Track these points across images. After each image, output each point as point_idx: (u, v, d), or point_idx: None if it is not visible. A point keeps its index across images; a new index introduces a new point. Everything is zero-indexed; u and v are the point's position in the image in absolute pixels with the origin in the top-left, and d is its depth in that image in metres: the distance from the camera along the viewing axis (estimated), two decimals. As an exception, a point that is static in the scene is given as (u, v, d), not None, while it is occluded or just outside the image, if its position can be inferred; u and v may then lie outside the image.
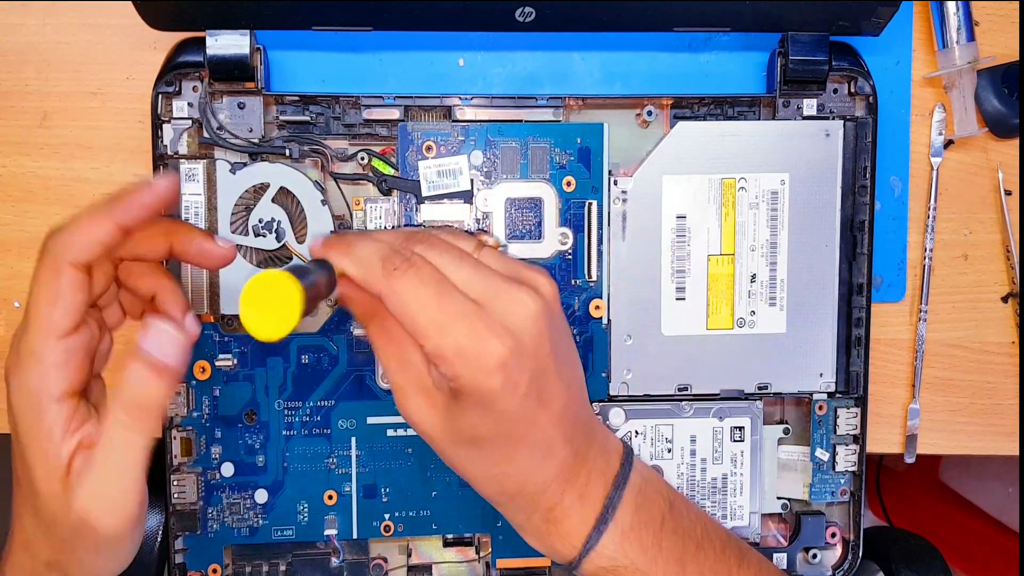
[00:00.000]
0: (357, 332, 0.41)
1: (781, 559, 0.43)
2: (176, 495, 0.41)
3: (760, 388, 0.42)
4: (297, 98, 0.40)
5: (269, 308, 0.27)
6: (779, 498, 0.43)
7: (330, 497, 0.42)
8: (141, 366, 0.30)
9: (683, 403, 0.42)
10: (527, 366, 0.31)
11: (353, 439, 0.42)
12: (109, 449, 0.30)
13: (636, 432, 0.42)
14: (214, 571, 0.41)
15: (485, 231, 0.40)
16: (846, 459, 0.43)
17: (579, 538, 0.33)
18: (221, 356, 0.41)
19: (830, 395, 0.43)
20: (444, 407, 0.32)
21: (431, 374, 0.32)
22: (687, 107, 0.41)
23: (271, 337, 0.27)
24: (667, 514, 0.34)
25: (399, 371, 0.33)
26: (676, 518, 0.35)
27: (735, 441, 0.42)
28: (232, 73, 0.39)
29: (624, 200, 0.41)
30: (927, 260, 0.45)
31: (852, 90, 0.42)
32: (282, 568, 0.42)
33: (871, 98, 0.41)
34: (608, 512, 0.33)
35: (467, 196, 0.41)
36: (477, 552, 0.43)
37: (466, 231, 0.40)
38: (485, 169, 0.41)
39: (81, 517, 0.30)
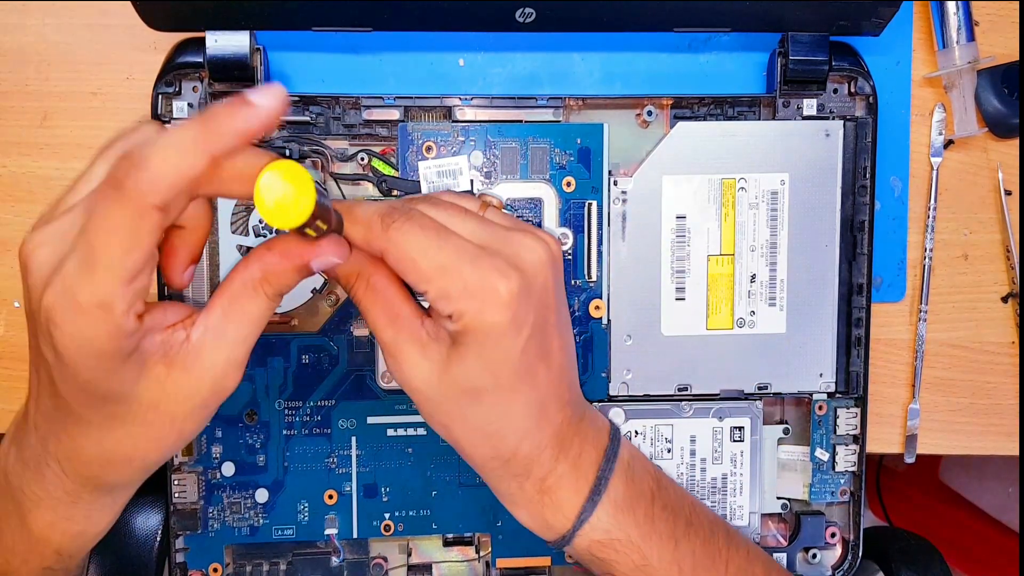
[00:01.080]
0: (357, 332, 0.41)
1: (781, 559, 0.43)
2: (177, 495, 0.41)
3: (760, 388, 0.42)
4: (297, 98, 0.40)
5: (284, 194, 0.25)
6: (779, 498, 0.43)
7: (330, 497, 0.42)
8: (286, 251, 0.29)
9: (683, 403, 0.42)
10: (532, 308, 0.30)
11: (353, 439, 0.42)
12: (230, 303, 0.29)
13: (636, 432, 0.42)
14: (215, 570, 0.41)
15: (487, 193, 0.40)
16: (846, 459, 0.43)
17: (573, 509, 0.33)
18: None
19: (830, 395, 0.43)
20: (441, 358, 0.31)
21: (425, 326, 0.31)
22: (687, 107, 0.41)
23: (286, 220, 0.25)
24: (656, 491, 0.34)
25: (389, 327, 0.31)
26: (665, 495, 0.35)
27: (735, 441, 0.42)
28: (232, 73, 0.39)
29: (624, 200, 0.41)
30: (927, 260, 0.45)
31: (852, 90, 0.42)
32: (282, 567, 0.42)
33: (871, 98, 0.41)
34: (601, 483, 0.33)
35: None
36: (477, 552, 0.43)
37: (468, 192, 0.40)
38: (485, 169, 0.41)
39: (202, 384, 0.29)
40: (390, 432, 0.42)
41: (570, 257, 0.41)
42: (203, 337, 0.29)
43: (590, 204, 0.41)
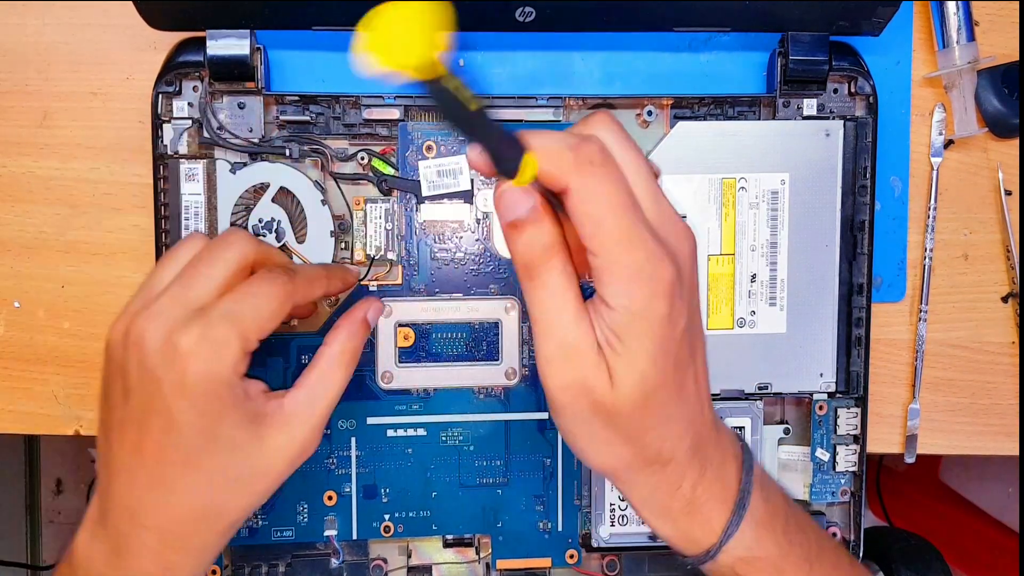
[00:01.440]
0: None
1: (781, 559, 0.43)
2: (176, 495, 0.41)
3: (760, 388, 0.42)
4: (297, 98, 0.40)
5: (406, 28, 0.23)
6: (779, 498, 0.43)
7: (330, 498, 0.42)
8: (355, 322, 0.36)
9: (683, 403, 0.42)
10: (686, 299, 0.30)
11: (353, 439, 0.42)
12: (324, 378, 0.35)
13: (636, 432, 0.42)
14: (213, 572, 0.41)
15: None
16: (846, 459, 0.43)
17: (720, 523, 0.32)
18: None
19: (830, 395, 0.43)
20: (606, 375, 0.29)
21: (597, 342, 0.29)
22: (687, 107, 0.41)
23: (400, 60, 0.23)
24: (788, 510, 0.33)
25: (572, 328, 0.29)
26: (796, 515, 0.34)
27: (735, 441, 0.42)
28: (232, 73, 0.39)
29: (624, 200, 0.41)
30: (927, 260, 0.45)
31: (852, 90, 0.42)
32: (281, 569, 0.42)
33: (871, 98, 0.41)
34: (744, 497, 0.32)
35: (467, 196, 0.41)
36: (477, 553, 0.43)
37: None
38: (485, 169, 0.41)
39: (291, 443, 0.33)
40: (390, 433, 0.42)
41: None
42: (295, 406, 0.34)
43: (590, 204, 0.41)
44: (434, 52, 0.23)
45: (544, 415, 0.42)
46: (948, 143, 0.44)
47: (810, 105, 0.42)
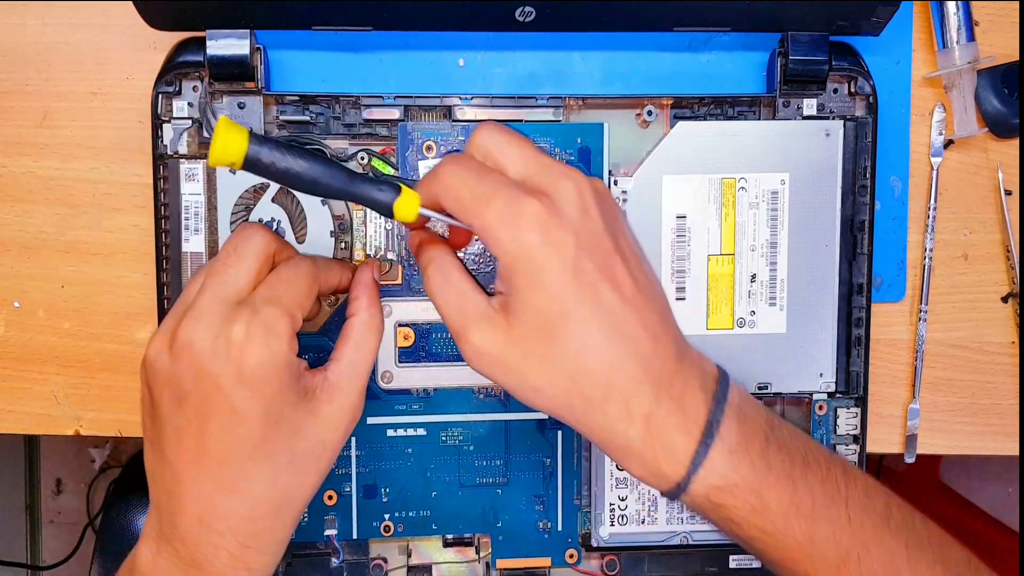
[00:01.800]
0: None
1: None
2: (176, 495, 0.41)
3: (760, 388, 0.42)
4: (297, 98, 0.40)
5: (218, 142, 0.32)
6: (779, 498, 0.43)
7: (330, 497, 0.42)
8: (370, 288, 0.38)
9: (683, 403, 0.42)
10: (570, 230, 0.31)
11: (353, 439, 0.42)
12: (360, 347, 0.36)
13: (636, 432, 0.42)
14: (214, 571, 0.41)
15: None
16: (846, 459, 0.43)
17: (687, 454, 0.32)
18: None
19: (830, 395, 0.43)
20: (505, 321, 0.32)
21: (490, 303, 0.33)
22: (687, 107, 0.41)
23: (214, 159, 0.32)
24: (769, 432, 0.33)
25: (456, 305, 0.33)
26: (779, 435, 0.33)
27: (735, 441, 0.42)
28: (232, 73, 0.39)
29: (624, 200, 0.41)
30: (927, 260, 0.45)
31: (852, 90, 0.42)
32: (281, 568, 0.42)
33: (871, 98, 0.41)
34: (713, 425, 0.32)
35: (467, 196, 0.41)
36: (477, 552, 0.43)
37: None
38: (485, 169, 0.41)
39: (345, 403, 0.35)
40: (390, 433, 0.42)
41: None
42: (339, 376, 0.35)
43: (590, 204, 0.41)
44: (231, 155, 0.32)
45: (544, 415, 0.42)
46: (948, 143, 0.44)
47: (810, 105, 0.42)
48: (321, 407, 0.35)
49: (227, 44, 0.39)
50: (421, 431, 0.42)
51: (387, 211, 0.34)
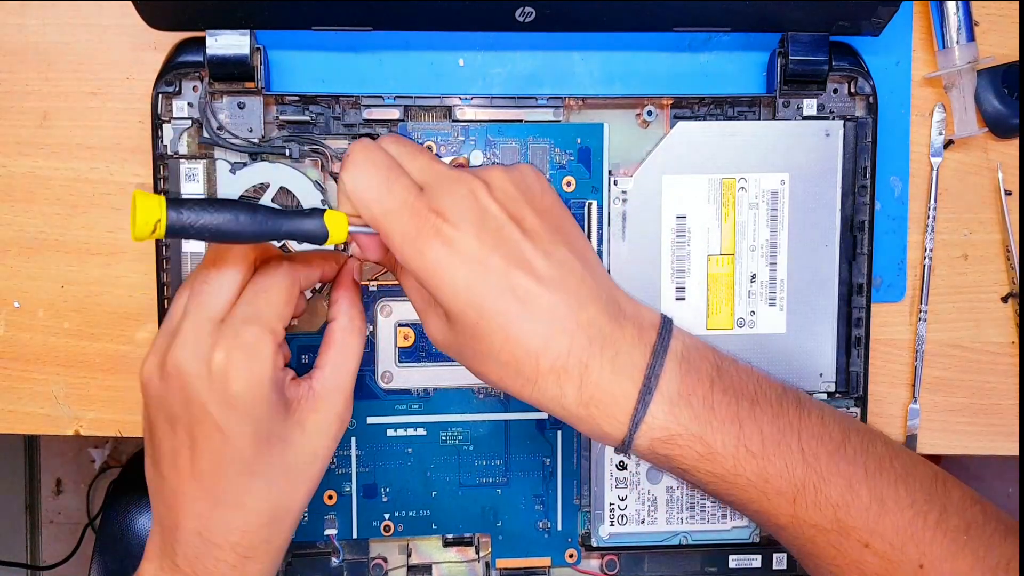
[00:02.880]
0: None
1: (782, 559, 0.43)
2: (176, 495, 0.41)
3: (760, 388, 0.42)
4: (297, 98, 0.40)
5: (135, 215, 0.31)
6: (779, 498, 0.43)
7: (330, 497, 0.42)
8: (351, 289, 0.38)
9: (683, 403, 0.42)
10: (470, 232, 0.32)
11: (353, 439, 0.42)
12: (342, 351, 0.36)
13: (636, 432, 0.42)
14: (214, 571, 0.41)
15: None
16: (846, 459, 0.43)
17: (625, 413, 0.32)
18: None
19: (830, 395, 0.43)
20: (444, 316, 0.34)
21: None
22: (687, 107, 0.41)
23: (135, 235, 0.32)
24: (715, 377, 0.33)
25: (416, 297, 0.35)
26: (726, 379, 0.34)
27: (735, 441, 0.42)
28: (232, 73, 0.39)
29: (624, 200, 0.41)
30: (927, 260, 0.45)
31: (852, 90, 0.42)
32: (282, 568, 0.42)
33: (871, 98, 0.41)
34: (651, 381, 0.32)
35: (467, 196, 0.41)
36: (477, 552, 0.43)
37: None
38: (485, 169, 0.41)
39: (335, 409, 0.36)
40: (390, 432, 0.42)
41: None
42: (323, 384, 0.36)
43: (590, 204, 0.41)
44: (149, 226, 0.31)
45: (544, 415, 0.42)
46: (948, 143, 0.44)
47: (810, 105, 0.42)
48: (308, 417, 0.35)
49: (227, 44, 0.39)
50: (421, 431, 0.42)
51: (321, 237, 0.33)
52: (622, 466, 0.42)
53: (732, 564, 0.43)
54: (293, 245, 0.40)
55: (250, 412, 0.33)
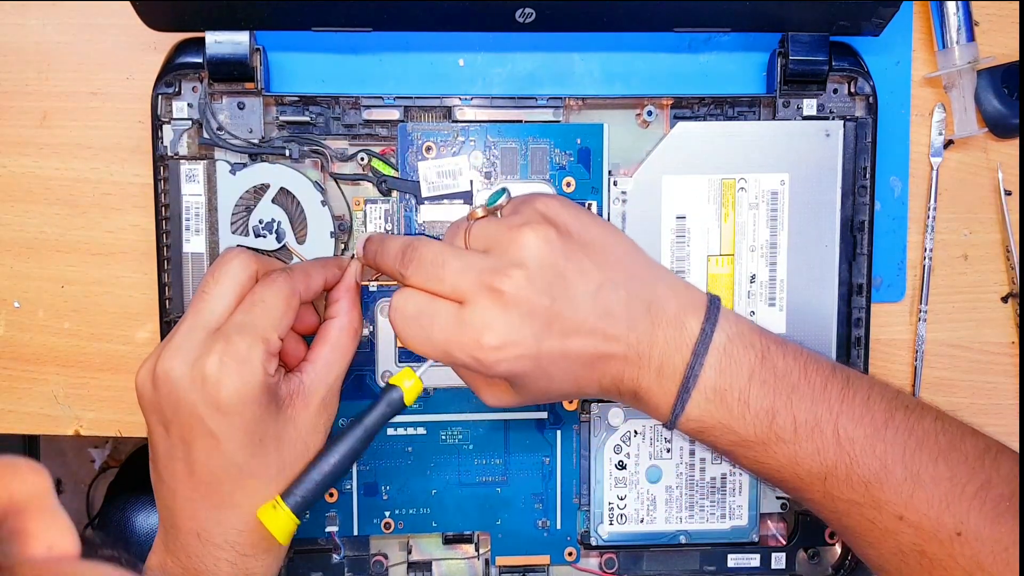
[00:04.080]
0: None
1: (780, 558, 0.43)
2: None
3: (760, 388, 0.42)
4: (297, 98, 0.40)
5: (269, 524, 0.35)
6: (778, 498, 0.43)
7: (331, 495, 0.42)
8: (351, 290, 0.38)
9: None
10: (515, 334, 0.34)
11: (353, 439, 0.42)
12: (335, 348, 0.37)
13: (636, 432, 0.42)
14: (215, 570, 0.41)
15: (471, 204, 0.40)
16: (845, 459, 0.43)
17: (666, 408, 0.35)
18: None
19: (829, 395, 0.43)
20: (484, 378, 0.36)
21: (488, 375, 0.36)
22: (687, 107, 0.41)
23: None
24: (757, 366, 0.35)
25: (473, 382, 0.37)
26: (768, 367, 0.35)
27: (734, 441, 0.42)
28: (232, 74, 0.39)
29: (624, 200, 0.41)
30: (927, 260, 0.45)
31: (852, 90, 0.42)
32: (284, 564, 0.42)
33: (871, 98, 0.41)
34: (689, 382, 0.34)
35: (467, 196, 0.41)
36: (477, 549, 0.43)
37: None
38: (485, 170, 0.41)
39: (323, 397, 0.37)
40: (390, 431, 0.42)
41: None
42: (314, 378, 0.37)
43: (590, 204, 0.41)
44: (288, 529, 0.35)
45: (543, 414, 0.42)
46: (948, 143, 0.44)
47: (810, 105, 0.41)
48: (299, 413, 0.36)
49: (227, 45, 0.39)
50: (421, 430, 0.42)
51: (400, 403, 0.36)
52: (621, 465, 0.42)
53: (731, 563, 0.44)
54: (295, 250, 0.40)
55: (241, 415, 0.34)
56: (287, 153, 0.40)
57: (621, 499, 0.42)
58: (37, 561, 0.21)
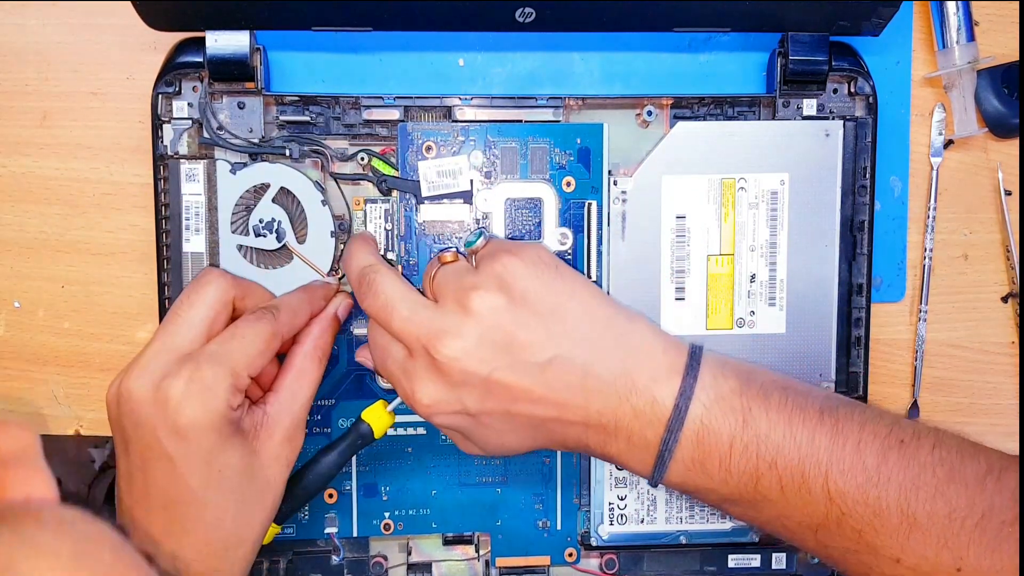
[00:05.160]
0: (357, 332, 0.41)
1: (781, 558, 0.43)
2: (176, 495, 0.41)
3: (760, 388, 0.42)
4: (297, 98, 0.40)
5: None
6: (778, 498, 0.43)
7: (330, 495, 0.42)
8: (324, 320, 0.39)
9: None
10: (445, 399, 0.35)
11: (353, 439, 0.42)
12: (300, 377, 0.37)
13: (636, 432, 0.42)
14: (214, 570, 0.41)
15: (446, 249, 0.39)
16: (845, 459, 0.43)
17: (643, 472, 0.35)
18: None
19: (830, 395, 0.43)
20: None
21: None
22: (687, 107, 0.41)
23: None
24: (738, 433, 0.33)
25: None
26: (750, 432, 0.33)
27: (735, 441, 0.42)
28: (232, 73, 0.39)
29: (624, 200, 0.41)
30: (927, 260, 0.45)
31: (852, 90, 0.42)
32: (282, 566, 0.42)
33: (871, 98, 0.41)
34: (664, 456, 0.34)
35: (467, 196, 0.41)
36: (477, 550, 0.43)
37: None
38: (485, 169, 0.41)
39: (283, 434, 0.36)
40: (390, 432, 0.42)
41: (570, 257, 0.41)
42: (278, 409, 0.36)
43: (590, 204, 0.41)
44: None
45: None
46: (948, 143, 0.44)
47: (810, 105, 0.41)
48: (263, 445, 0.36)
49: (227, 44, 0.39)
50: (421, 430, 0.42)
51: (369, 434, 0.39)
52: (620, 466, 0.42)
53: (731, 563, 0.44)
54: (295, 250, 0.40)
55: (200, 443, 0.33)
56: (287, 153, 0.40)
57: (621, 499, 0.42)
58: (15, 502, 0.23)
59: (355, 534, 0.42)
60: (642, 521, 0.43)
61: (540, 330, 0.34)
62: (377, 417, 0.39)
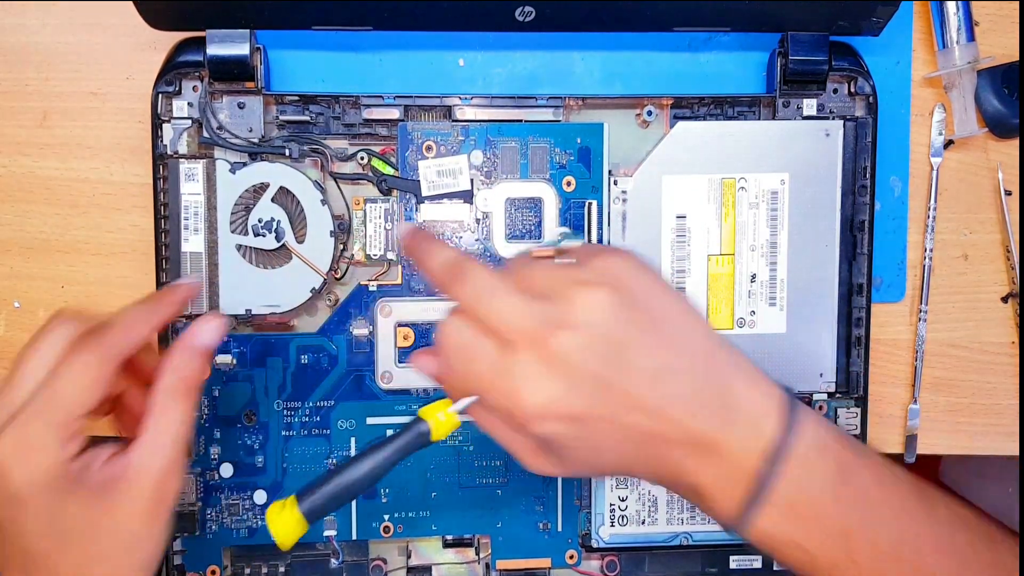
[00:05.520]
0: (357, 332, 0.41)
1: (781, 560, 0.43)
2: (175, 495, 0.41)
3: (760, 388, 0.42)
4: (297, 98, 0.40)
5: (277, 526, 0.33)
6: (779, 498, 0.43)
7: (330, 497, 0.42)
8: (185, 349, 0.34)
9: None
10: (567, 400, 0.30)
11: (352, 439, 0.41)
12: (161, 419, 0.33)
13: (636, 432, 0.42)
14: (213, 572, 0.41)
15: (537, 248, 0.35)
16: (846, 459, 0.43)
17: (730, 513, 0.31)
18: (220, 356, 0.40)
19: (830, 395, 0.43)
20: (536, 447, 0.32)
21: (525, 435, 0.32)
22: (687, 107, 0.41)
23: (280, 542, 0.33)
24: (836, 481, 0.31)
25: (509, 442, 0.33)
26: (846, 483, 0.31)
27: (735, 441, 0.42)
28: (232, 73, 0.39)
29: (624, 200, 0.41)
30: (927, 260, 0.44)
31: (852, 90, 0.42)
32: (281, 569, 0.42)
33: (871, 98, 0.41)
34: (760, 492, 0.31)
35: (467, 196, 0.41)
36: (477, 553, 0.43)
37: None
38: (485, 169, 0.41)
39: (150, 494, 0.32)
40: (389, 433, 0.41)
41: (570, 257, 0.41)
42: (141, 457, 0.32)
43: (590, 204, 0.41)
44: (295, 533, 0.33)
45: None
46: (948, 143, 0.44)
47: (810, 105, 0.42)
48: (121, 500, 0.32)
49: (227, 44, 0.39)
50: (421, 431, 0.42)
51: (427, 436, 0.34)
52: (622, 466, 0.42)
53: (733, 565, 0.43)
54: (295, 250, 0.40)
55: (37, 507, 0.31)
56: (287, 152, 0.40)
57: (622, 500, 0.42)
58: None
59: (354, 537, 0.42)
60: (643, 522, 0.42)
61: (654, 336, 0.31)
62: (437, 418, 0.34)
